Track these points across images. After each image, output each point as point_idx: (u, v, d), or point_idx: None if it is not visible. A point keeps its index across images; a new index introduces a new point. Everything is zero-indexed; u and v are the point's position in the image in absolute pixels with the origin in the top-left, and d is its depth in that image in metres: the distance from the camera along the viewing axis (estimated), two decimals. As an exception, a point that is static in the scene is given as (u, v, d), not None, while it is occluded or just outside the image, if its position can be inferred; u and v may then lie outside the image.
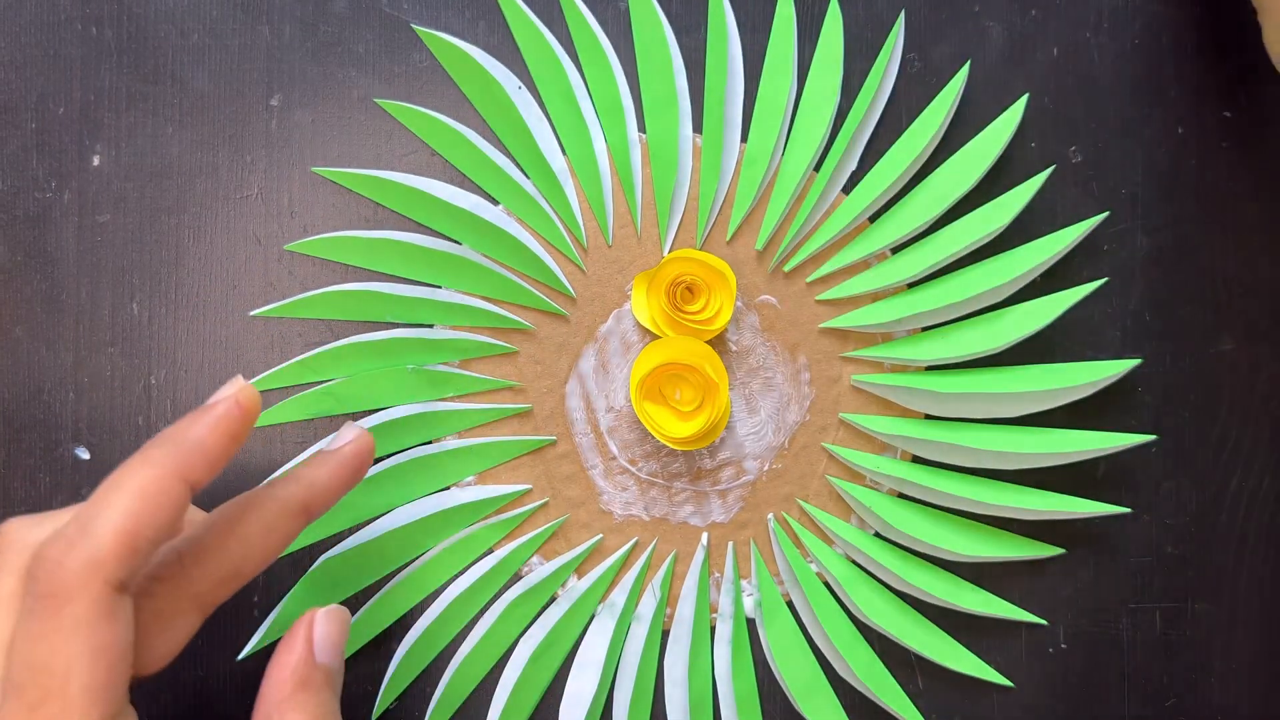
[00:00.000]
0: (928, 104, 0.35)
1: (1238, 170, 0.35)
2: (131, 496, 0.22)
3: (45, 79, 0.35)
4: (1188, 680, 0.35)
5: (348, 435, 0.28)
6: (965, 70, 0.34)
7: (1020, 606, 0.35)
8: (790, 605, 0.35)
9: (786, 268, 0.35)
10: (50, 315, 0.34)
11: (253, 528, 0.25)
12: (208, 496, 0.33)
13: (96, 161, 0.35)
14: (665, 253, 0.35)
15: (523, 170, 0.35)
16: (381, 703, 0.34)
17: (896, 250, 0.35)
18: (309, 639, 0.26)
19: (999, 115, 0.34)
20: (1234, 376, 0.35)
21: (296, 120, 0.35)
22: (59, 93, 0.35)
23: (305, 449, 0.34)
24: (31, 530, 0.25)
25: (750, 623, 0.35)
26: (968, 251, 0.34)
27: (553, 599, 0.34)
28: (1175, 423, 0.35)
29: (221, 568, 0.24)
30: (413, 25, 0.35)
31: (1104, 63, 0.35)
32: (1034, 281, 0.34)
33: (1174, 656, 0.35)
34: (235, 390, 0.25)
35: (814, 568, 0.35)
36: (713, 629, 0.35)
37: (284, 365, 0.34)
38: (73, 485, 0.34)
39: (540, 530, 0.34)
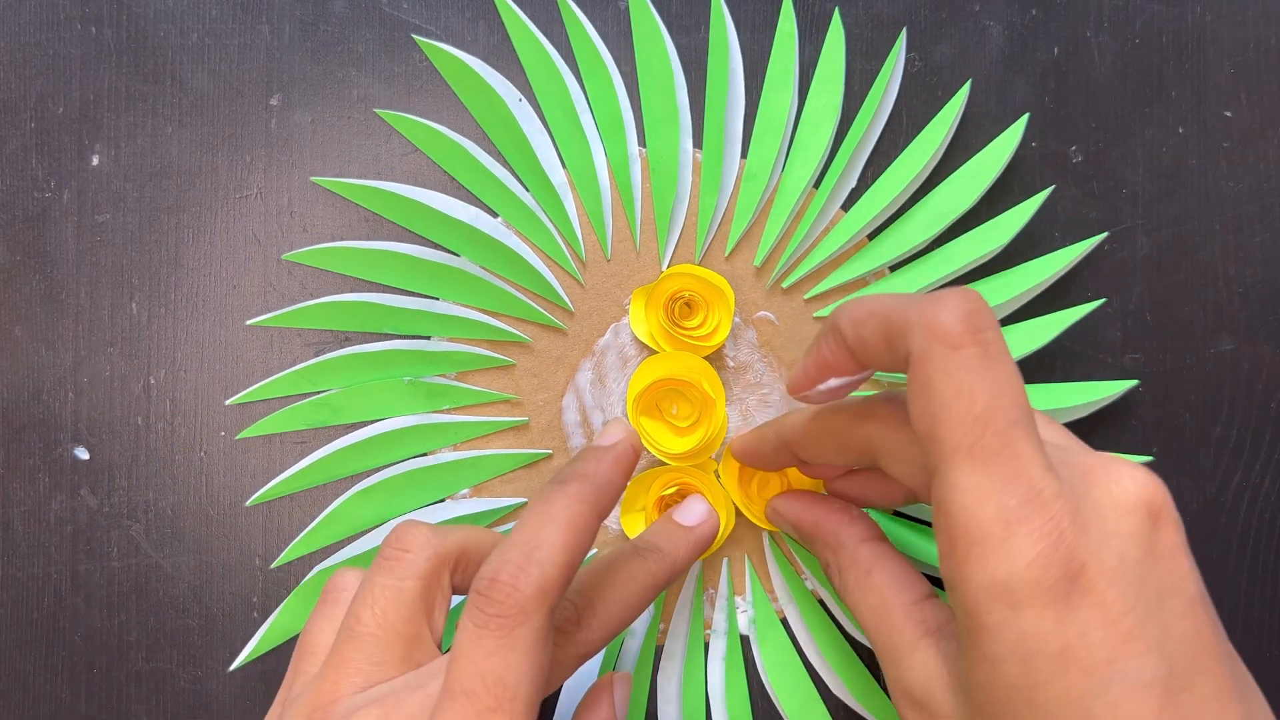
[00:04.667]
0: (928, 103, 0.35)
1: (1238, 170, 0.35)
2: (566, 529, 0.24)
3: (45, 79, 0.35)
4: (1188, 680, 0.35)
5: (700, 512, 0.30)
6: (965, 89, 0.34)
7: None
8: (785, 622, 0.35)
9: (785, 284, 0.35)
10: (50, 315, 0.34)
11: (634, 599, 0.27)
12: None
13: (96, 161, 0.35)
14: (664, 268, 0.35)
15: (522, 183, 0.35)
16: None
17: (895, 268, 0.35)
18: (612, 703, 0.27)
19: (998, 121, 0.34)
20: (1234, 376, 0.35)
21: (296, 120, 0.35)
22: (59, 93, 0.35)
23: (306, 452, 0.34)
24: (431, 538, 0.27)
25: (744, 639, 0.34)
26: (966, 270, 0.34)
27: (548, 612, 0.34)
28: (1175, 423, 0.35)
29: (606, 631, 0.26)
30: (413, 36, 0.35)
31: (1104, 63, 0.35)
32: (1032, 290, 0.34)
33: (1174, 657, 0.35)
34: (627, 434, 0.27)
35: (809, 585, 0.34)
36: (707, 645, 0.34)
37: (280, 375, 0.34)
38: (72, 485, 0.34)
39: (536, 543, 0.34)
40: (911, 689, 0.24)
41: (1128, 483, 0.22)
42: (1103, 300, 0.34)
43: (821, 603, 0.34)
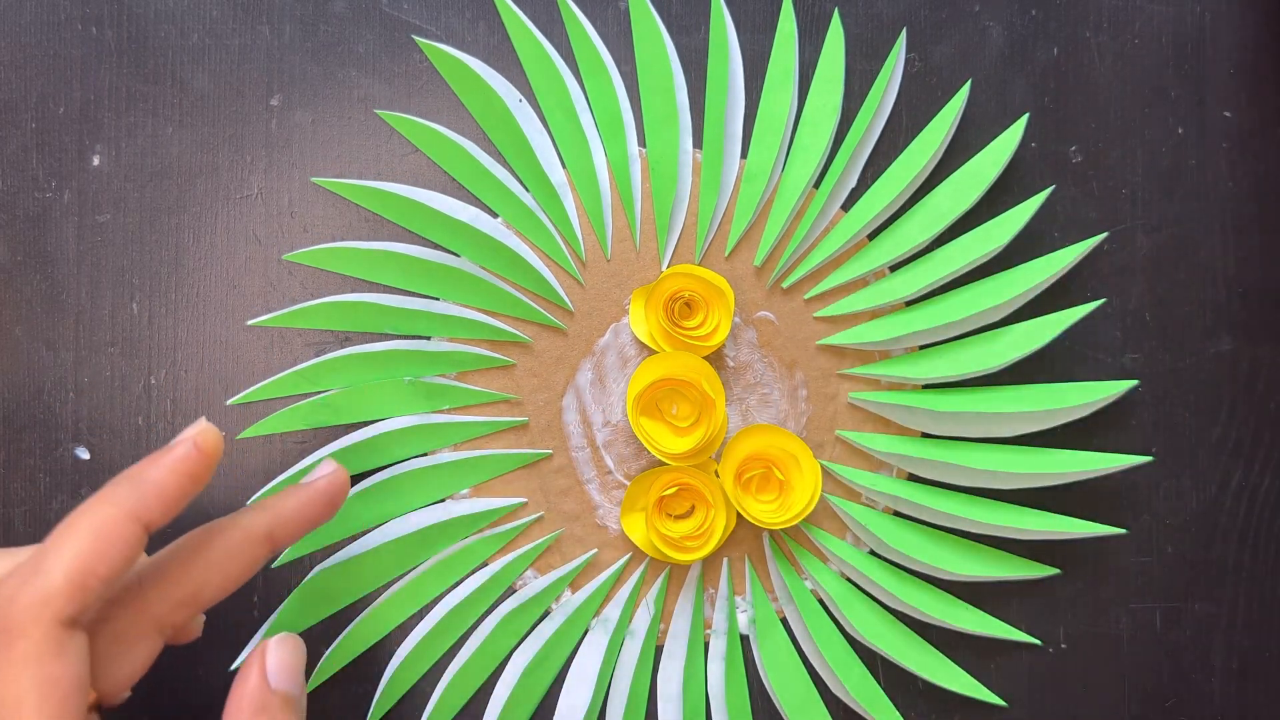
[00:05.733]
0: (928, 103, 0.35)
1: (1238, 170, 0.35)
2: (84, 537, 0.23)
3: (45, 79, 0.35)
4: (1188, 680, 0.35)
5: (323, 470, 0.29)
6: (965, 89, 0.34)
7: (1021, 604, 0.35)
8: (784, 622, 0.35)
9: (785, 284, 0.35)
10: (50, 315, 0.34)
11: (215, 553, 0.26)
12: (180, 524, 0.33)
13: (96, 161, 0.35)
14: (664, 268, 0.35)
15: (522, 183, 0.34)
16: (374, 714, 0.34)
17: (895, 268, 0.35)
18: (262, 667, 0.26)
19: (998, 121, 0.34)
20: (1234, 376, 0.35)
21: (297, 120, 0.35)
22: (59, 93, 0.35)
23: (306, 452, 0.34)
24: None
25: (744, 639, 0.35)
26: (966, 270, 0.34)
27: (547, 613, 0.34)
28: (1175, 423, 0.35)
29: (180, 590, 0.25)
30: (413, 37, 0.35)
31: (1104, 63, 0.35)
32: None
33: (1174, 656, 0.35)
34: (195, 432, 0.25)
35: (809, 585, 0.34)
36: (707, 645, 0.34)
37: (280, 375, 0.34)
38: (72, 485, 0.34)
39: (535, 544, 0.34)
40: None
41: None
42: (1103, 300, 0.34)
43: (821, 602, 0.34)
